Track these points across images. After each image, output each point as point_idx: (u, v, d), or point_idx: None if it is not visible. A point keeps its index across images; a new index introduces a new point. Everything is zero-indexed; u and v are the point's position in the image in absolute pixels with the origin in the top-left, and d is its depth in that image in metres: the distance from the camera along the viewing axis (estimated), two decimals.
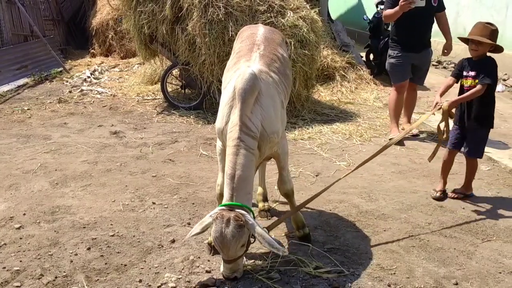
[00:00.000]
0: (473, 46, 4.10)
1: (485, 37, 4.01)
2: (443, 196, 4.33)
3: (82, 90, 8.68)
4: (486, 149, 4.83)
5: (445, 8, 5.91)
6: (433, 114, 4.26)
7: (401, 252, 3.45)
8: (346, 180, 4.73)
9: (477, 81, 4.05)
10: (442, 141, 4.21)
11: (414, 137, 6.06)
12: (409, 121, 6.29)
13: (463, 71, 4.22)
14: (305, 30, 6.62)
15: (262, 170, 4.13)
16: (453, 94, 4.37)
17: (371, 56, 9.93)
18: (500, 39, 9.59)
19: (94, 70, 10.41)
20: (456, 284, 3.07)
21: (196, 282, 3.06)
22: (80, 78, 9.74)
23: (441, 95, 4.22)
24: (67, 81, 9.56)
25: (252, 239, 2.95)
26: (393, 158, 5.34)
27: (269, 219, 3.94)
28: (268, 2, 6.61)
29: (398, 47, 5.92)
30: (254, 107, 3.02)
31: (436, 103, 4.14)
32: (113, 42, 12.07)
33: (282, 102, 3.36)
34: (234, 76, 3.17)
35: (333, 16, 12.35)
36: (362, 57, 9.94)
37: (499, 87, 8.42)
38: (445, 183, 4.40)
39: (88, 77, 9.78)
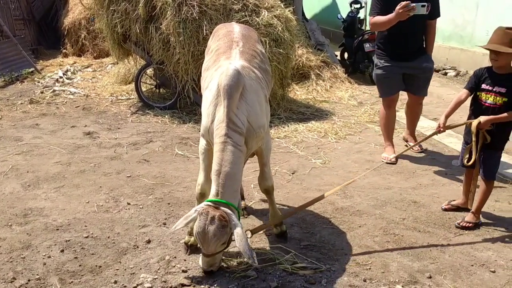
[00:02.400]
0: (492, 56, 3.57)
1: (505, 45, 3.45)
2: (454, 208, 4.05)
3: (54, 91, 8.52)
4: (457, 145, 4.95)
5: (438, 16, 5.09)
6: (437, 133, 3.84)
7: (376, 247, 3.49)
8: (321, 177, 4.79)
9: (505, 99, 3.55)
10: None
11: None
12: (412, 134, 5.64)
13: (480, 83, 3.70)
14: (280, 29, 6.63)
15: None
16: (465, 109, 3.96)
17: (346, 55, 10.04)
18: (470, 38, 9.83)
19: (67, 70, 10.24)
20: (430, 277, 3.12)
21: (172, 282, 3.04)
22: (52, 78, 9.56)
23: (448, 115, 3.78)
24: (38, 82, 9.38)
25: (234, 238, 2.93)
26: (368, 155, 5.40)
27: (246, 217, 3.94)
28: (243, 1, 6.60)
29: (385, 56, 5.14)
30: (240, 103, 3.01)
31: (439, 125, 3.74)
32: (85, 41, 11.90)
33: (266, 96, 3.37)
34: (216, 74, 3.16)
35: (308, 15, 12.42)
36: (336, 56, 10.02)
37: None
38: (466, 201, 3.99)
39: (61, 77, 9.62)
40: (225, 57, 3.36)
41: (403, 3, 4.55)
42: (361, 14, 10.42)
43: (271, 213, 3.65)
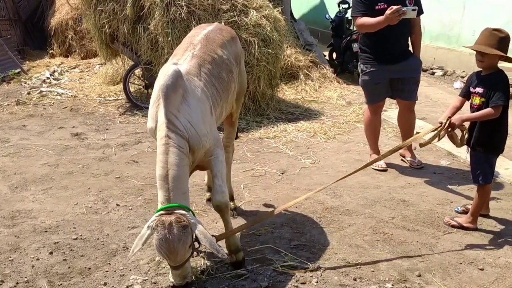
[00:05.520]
0: (478, 57, 3.55)
1: (491, 47, 3.43)
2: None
3: (41, 92, 8.45)
4: (445, 144, 4.96)
5: (422, 13, 4.83)
6: (438, 134, 3.59)
7: (366, 246, 3.50)
8: (311, 177, 4.80)
9: (483, 99, 3.53)
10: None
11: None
12: (409, 148, 5.18)
13: (471, 88, 3.68)
14: (269, 29, 6.64)
15: (227, 169, 4.12)
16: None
17: (334, 55, 10.07)
18: (457, 38, 9.91)
19: (54, 71, 10.16)
20: (420, 275, 3.14)
21: (162, 283, 3.03)
22: (39, 79, 9.49)
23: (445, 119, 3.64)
24: (25, 83, 9.30)
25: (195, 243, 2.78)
26: (357, 155, 5.42)
27: (235, 218, 3.93)
28: (231, 1, 6.60)
29: (371, 60, 4.87)
30: (182, 106, 2.87)
31: (441, 122, 3.59)
32: (73, 42, 11.81)
33: (211, 108, 3.12)
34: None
35: (296, 15, 12.43)
36: (325, 56, 10.06)
37: (457, 84, 8.67)
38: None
39: (48, 78, 9.55)
40: (175, 59, 3.24)
41: (394, 7, 4.36)
42: (349, 14, 10.43)
43: (225, 240, 3.26)
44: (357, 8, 4.75)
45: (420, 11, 4.80)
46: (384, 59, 4.81)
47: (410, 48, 5.01)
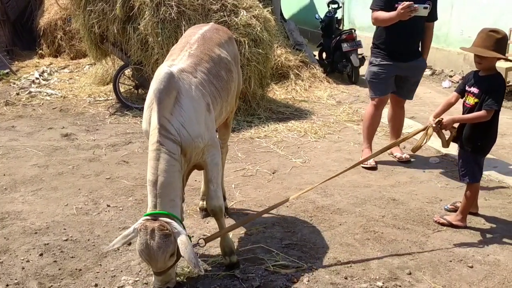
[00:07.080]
0: (476, 59, 3.54)
1: (488, 49, 3.41)
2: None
3: (30, 92, 8.38)
4: (434, 143, 5.01)
5: (436, 19, 5.05)
6: (426, 133, 3.66)
7: (357, 245, 3.52)
8: (302, 176, 4.82)
9: (477, 100, 3.55)
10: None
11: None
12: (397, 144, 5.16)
13: (466, 86, 3.70)
14: (259, 29, 6.65)
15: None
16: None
17: (324, 55, 10.10)
18: (445, 37, 9.95)
19: (43, 71, 10.09)
20: (410, 273, 3.17)
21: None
22: (28, 79, 9.42)
23: (438, 115, 3.69)
24: (14, 83, 9.22)
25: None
26: (347, 154, 5.45)
27: (227, 217, 3.93)
28: (221, 1, 6.59)
29: (382, 54, 4.98)
30: (174, 108, 2.82)
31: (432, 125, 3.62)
32: (62, 42, 11.73)
33: (209, 105, 3.07)
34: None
35: (286, 15, 12.46)
36: (315, 55, 10.08)
37: (446, 83, 8.73)
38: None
39: (37, 78, 9.47)
40: (172, 59, 3.22)
41: (406, 3, 4.48)
42: (338, 14, 10.50)
43: (220, 242, 3.27)
44: (376, 2, 4.86)
45: (434, 17, 4.99)
46: (394, 55, 4.93)
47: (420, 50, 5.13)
